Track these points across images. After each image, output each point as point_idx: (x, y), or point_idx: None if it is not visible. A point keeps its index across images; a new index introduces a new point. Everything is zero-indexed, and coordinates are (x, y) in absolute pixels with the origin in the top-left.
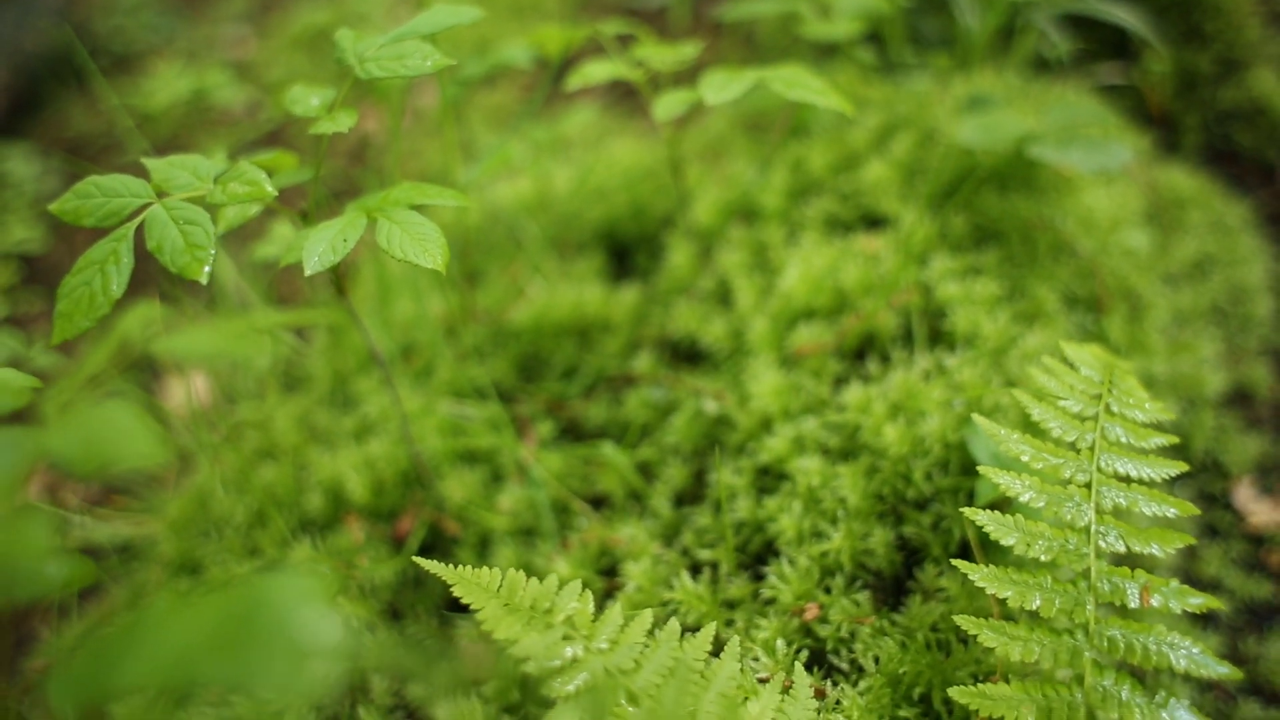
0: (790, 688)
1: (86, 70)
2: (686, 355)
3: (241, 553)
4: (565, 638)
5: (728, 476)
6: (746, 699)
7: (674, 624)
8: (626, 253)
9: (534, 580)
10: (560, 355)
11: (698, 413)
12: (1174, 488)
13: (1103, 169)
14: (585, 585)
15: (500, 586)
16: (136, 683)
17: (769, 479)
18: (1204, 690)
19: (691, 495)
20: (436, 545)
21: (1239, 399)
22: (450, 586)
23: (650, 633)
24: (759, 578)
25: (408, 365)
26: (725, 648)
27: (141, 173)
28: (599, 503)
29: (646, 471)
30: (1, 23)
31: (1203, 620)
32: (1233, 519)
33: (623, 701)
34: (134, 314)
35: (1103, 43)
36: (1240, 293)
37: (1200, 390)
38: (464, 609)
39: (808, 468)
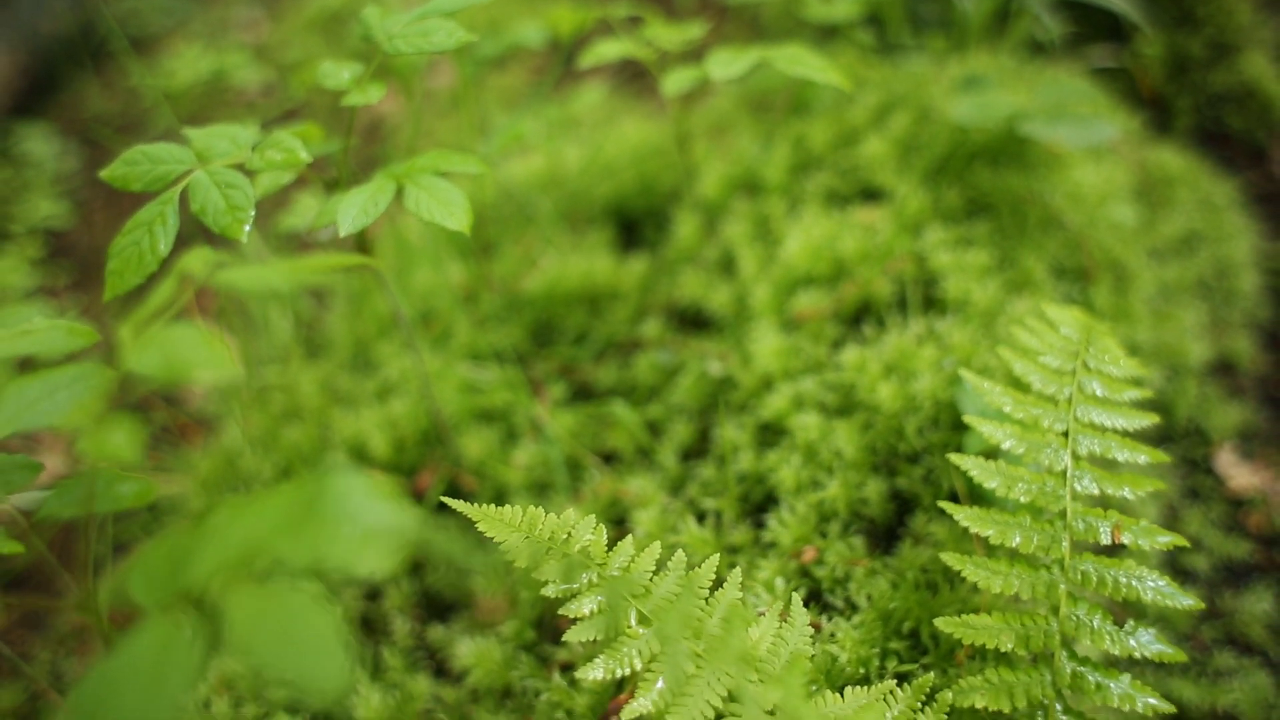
0: (787, 617)
1: (104, 52)
2: (692, 321)
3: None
4: (581, 565)
5: (731, 432)
6: (747, 626)
7: (681, 555)
8: (635, 226)
9: (552, 515)
10: (572, 322)
11: (702, 374)
12: (1158, 449)
13: (1089, 144)
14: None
15: (521, 522)
16: (213, 568)
17: (770, 434)
18: (1180, 641)
19: (697, 450)
20: (455, 497)
21: (1222, 369)
22: (465, 537)
23: (658, 564)
24: (760, 525)
25: (427, 331)
26: (728, 577)
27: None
28: (609, 458)
29: (654, 429)
30: (18, 6)
31: (1182, 576)
32: (1214, 483)
33: (633, 622)
34: (194, 253)
35: (1095, 26)
36: (1226, 268)
37: (1183, 359)
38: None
39: (806, 424)
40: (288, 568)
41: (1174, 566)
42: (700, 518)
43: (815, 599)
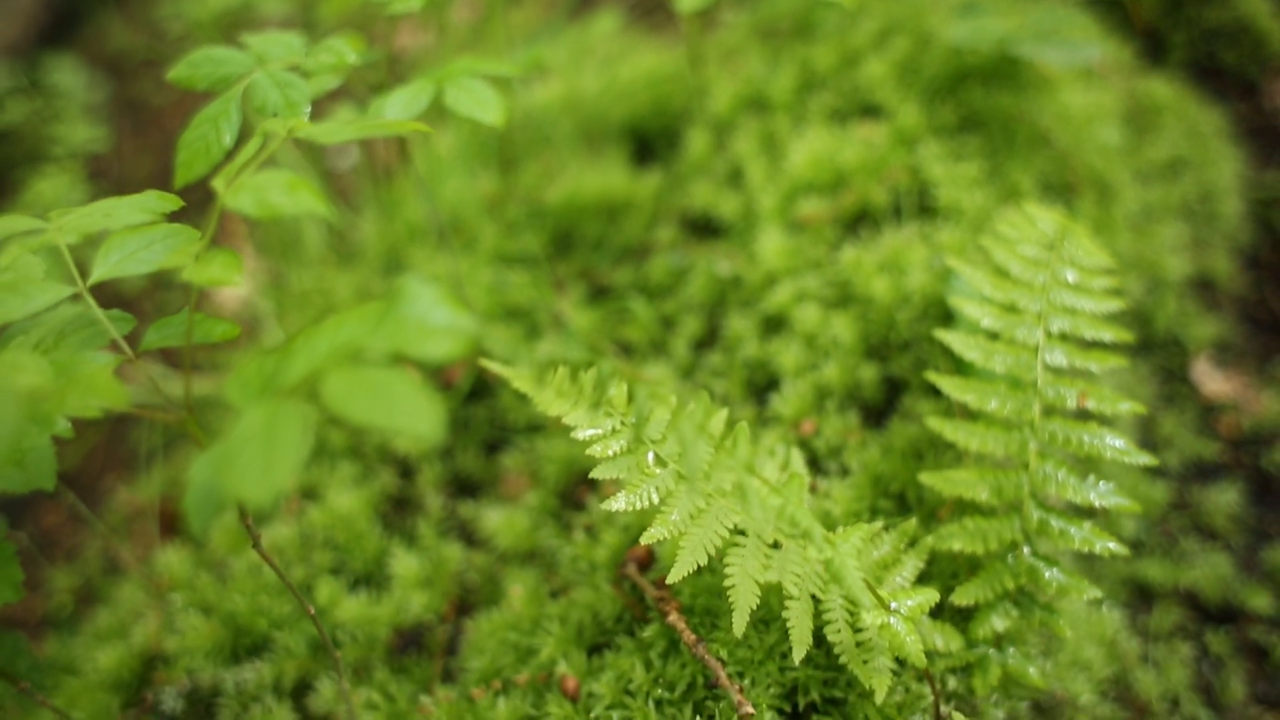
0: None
1: None
2: (703, 228)
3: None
4: (606, 414)
5: (738, 323)
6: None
7: (693, 406)
8: (649, 145)
9: (579, 373)
10: (590, 230)
11: (712, 274)
12: (1136, 357)
13: (1076, 64)
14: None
15: (551, 379)
16: (305, 371)
17: (773, 325)
18: (1151, 528)
19: (706, 341)
20: (482, 389)
21: (1202, 286)
22: (491, 426)
23: (674, 415)
24: (763, 404)
25: (457, 237)
26: (736, 428)
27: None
28: (626, 349)
29: (667, 323)
30: None
31: (1154, 471)
32: (1189, 390)
33: (651, 463)
34: (272, 120)
35: None
36: (1210, 193)
37: (1163, 273)
38: (504, 445)
39: (807, 316)
40: (372, 357)
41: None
42: (709, 398)
43: (813, 466)
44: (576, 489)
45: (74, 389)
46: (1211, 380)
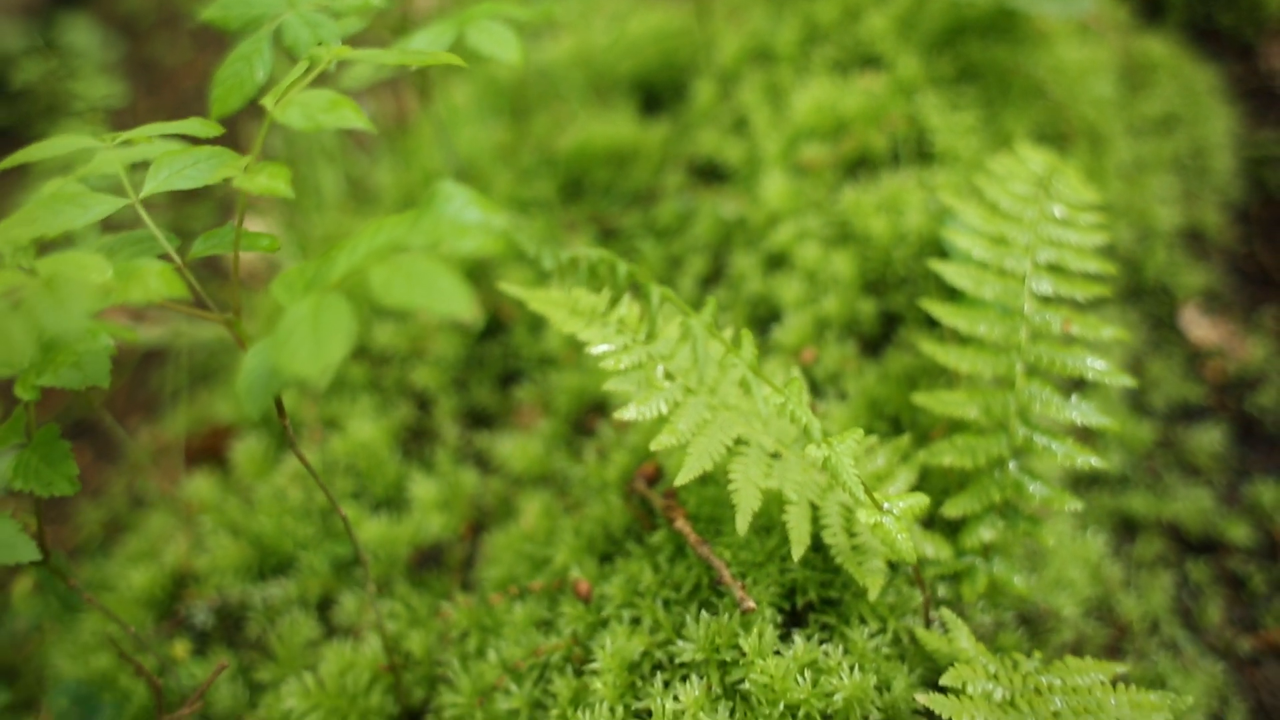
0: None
1: None
2: (709, 174)
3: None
4: (617, 331)
5: (742, 260)
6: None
7: (699, 326)
8: (657, 98)
9: (591, 295)
10: (600, 177)
11: (717, 217)
12: (1125, 304)
13: (1069, 15)
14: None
15: (565, 300)
16: (348, 270)
17: (776, 263)
18: (1136, 464)
19: (712, 278)
20: (496, 328)
21: (1192, 237)
22: (505, 362)
23: (681, 335)
24: (766, 334)
25: (471, 183)
26: (741, 333)
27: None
28: (635, 288)
29: (675, 262)
30: None
31: (1141, 410)
32: (1176, 337)
33: (659, 375)
34: (318, 49)
35: None
36: (1202, 149)
37: (1153, 223)
38: (517, 379)
39: (808, 253)
40: (410, 250)
41: (1135, 403)
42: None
43: (812, 391)
44: (587, 417)
45: (137, 281)
46: (1199, 327)
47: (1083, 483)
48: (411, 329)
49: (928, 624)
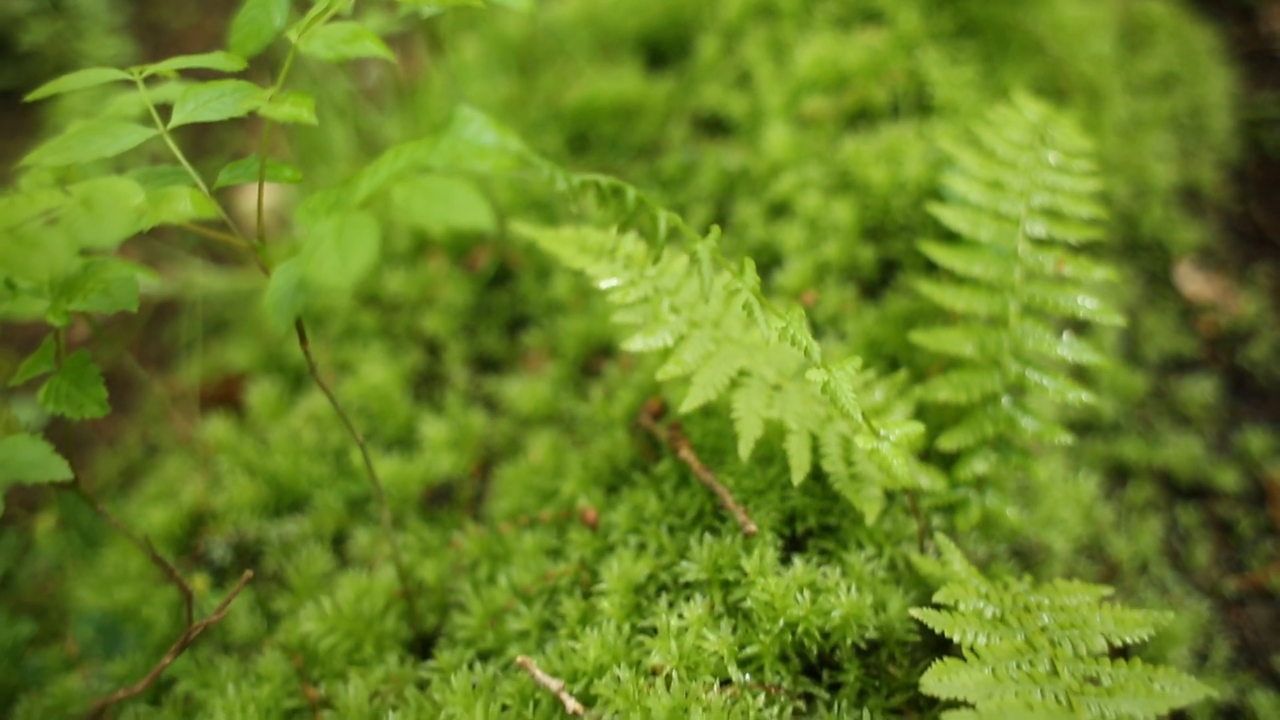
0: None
1: None
2: (713, 127)
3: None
4: (625, 266)
5: (745, 209)
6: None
7: (705, 250)
8: (661, 55)
9: (600, 233)
10: (606, 131)
11: (721, 168)
12: (1120, 259)
13: None
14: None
15: (575, 237)
16: (371, 191)
17: (778, 211)
18: (1129, 414)
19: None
20: (504, 276)
21: (1188, 195)
22: (513, 310)
23: (687, 271)
24: (768, 280)
25: None
26: (744, 260)
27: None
28: (641, 236)
29: (680, 212)
30: None
31: (1134, 361)
32: (1171, 292)
33: (665, 309)
34: None
35: None
36: (1199, 108)
37: (1149, 179)
38: (525, 325)
39: (809, 202)
40: (430, 171)
41: (1129, 354)
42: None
43: (813, 332)
44: (594, 360)
45: (169, 203)
46: (1192, 283)
47: (1076, 429)
48: (421, 277)
49: (923, 551)
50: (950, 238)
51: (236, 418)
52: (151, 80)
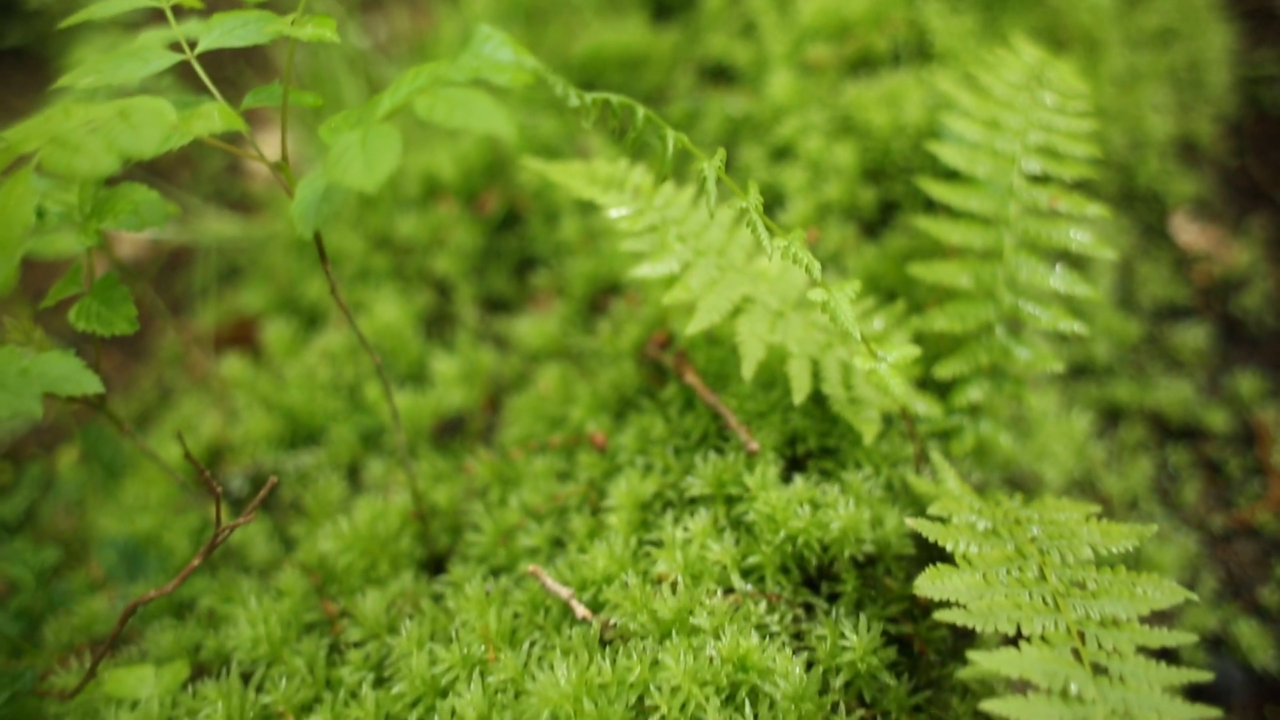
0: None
1: None
2: (718, 75)
3: (353, 227)
4: (633, 197)
5: (749, 153)
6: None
7: (711, 167)
8: (667, 6)
9: (609, 165)
10: (612, 80)
11: (725, 114)
12: (1117, 209)
13: None
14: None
15: (584, 170)
16: (392, 107)
17: (781, 154)
18: (1123, 358)
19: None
20: (513, 218)
21: (1184, 147)
22: (521, 253)
23: (693, 201)
24: (771, 218)
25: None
26: (749, 185)
27: None
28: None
29: (686, 158)
30: None
31: (1127, 306)
32: (1166, 243)
33: (672, 238)
34: None
35: None
36: (1198, 63)
37: (1146, 130)
38: (533, 266)
39: (811, 145)
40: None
41: (1123, 301)
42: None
43: None
44: (601, 299)
45: (201, 117)
46: (1187, 233)
47: (1070, 372)
48: (432, 220)
49: (918, 474)
50: (949, 176)
51: (252, 356)
52: (178, 11)
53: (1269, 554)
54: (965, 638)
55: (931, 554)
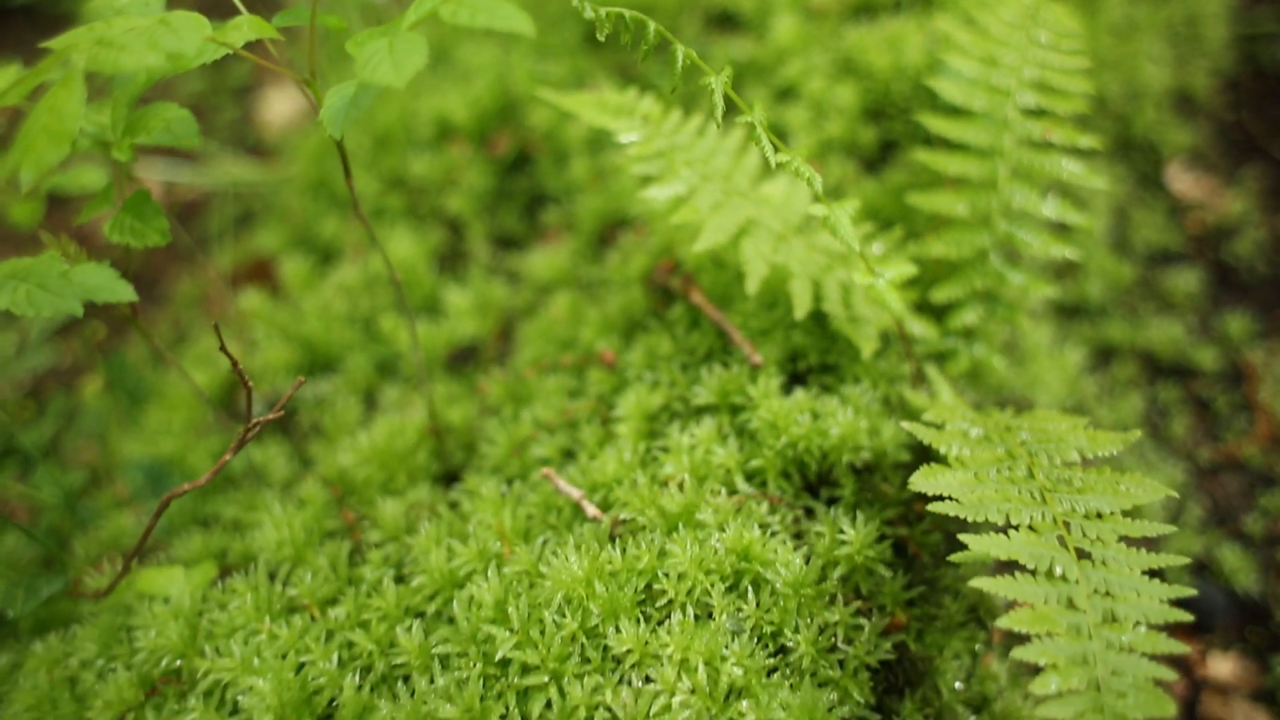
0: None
1: None
2: (723, 22)
3: (367, 169)
4: (643, 123)
5: (753, 94)
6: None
7: (718, 82)
8: None
9: (619, 94)
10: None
11: (730, 59)
12: (1112, 159)
13: None
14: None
15: (595, 100)
16: (418, 16)
17: (784, 95)
18: (1116, 300)
19: (726, 111)
20: (524, 159)
21: (1181, 100)
22: (532, 193)
23: (700, 129)
24: None
25: (499, 34)
26: (754, 103)
27: None
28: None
29: (691, 98)
30: None
31: (1122, 250)
32: (1160, 191)
33: (680, 163)
34: None
35: None
36: (1195, 18)
37: (1142, 81)
38: (544, 205)
39: (814, 85)
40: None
41: (1117, 245)
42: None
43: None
44: (610, 233)
45: (234, 28)
46: (1181, 182)
47: (1064, 312)
48: (444, 161)
49: (915, 391)
50: (948, 112)
51: (270, 291)
52: None
53: (1254, 485)
54: (958, 546)
55: (927, 461)
